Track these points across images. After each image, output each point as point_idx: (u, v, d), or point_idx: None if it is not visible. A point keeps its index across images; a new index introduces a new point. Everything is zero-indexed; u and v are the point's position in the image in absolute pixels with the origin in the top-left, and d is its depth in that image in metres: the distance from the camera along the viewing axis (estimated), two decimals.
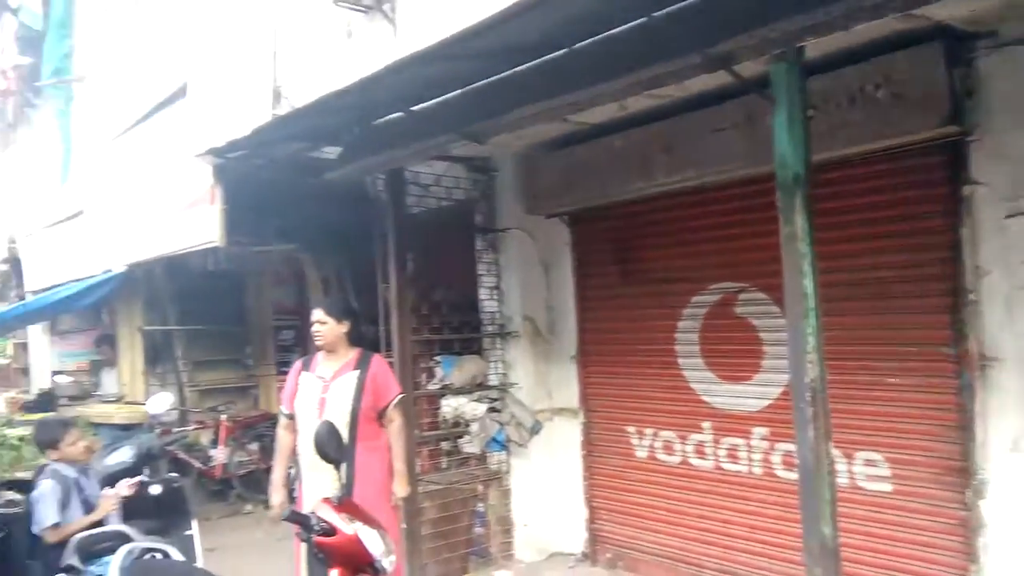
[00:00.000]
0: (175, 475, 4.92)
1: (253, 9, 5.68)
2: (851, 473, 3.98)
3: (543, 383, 5.57)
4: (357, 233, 5.88)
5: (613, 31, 3.12)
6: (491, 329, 5.61)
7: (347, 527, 2.68)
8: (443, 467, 5.62)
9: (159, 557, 3.30)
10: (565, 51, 3.35)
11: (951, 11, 3.08)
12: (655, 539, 5.00)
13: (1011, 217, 3.34)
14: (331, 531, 2.68)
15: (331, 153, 5.03)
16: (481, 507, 5.49)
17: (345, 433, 3.71)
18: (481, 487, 5.49)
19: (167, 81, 6.71)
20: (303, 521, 2.70)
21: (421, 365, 5.62)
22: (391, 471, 3.94)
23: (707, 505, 4.71)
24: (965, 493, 3.54)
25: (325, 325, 3.96)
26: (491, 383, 5.53)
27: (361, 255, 5.89)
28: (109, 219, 7.73)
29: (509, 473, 5.57)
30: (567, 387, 5.49)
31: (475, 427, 5.29)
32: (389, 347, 4.98)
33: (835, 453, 3.39)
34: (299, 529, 2.70)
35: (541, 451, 5.51)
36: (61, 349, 10.89)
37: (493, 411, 5.36)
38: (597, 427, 5.38)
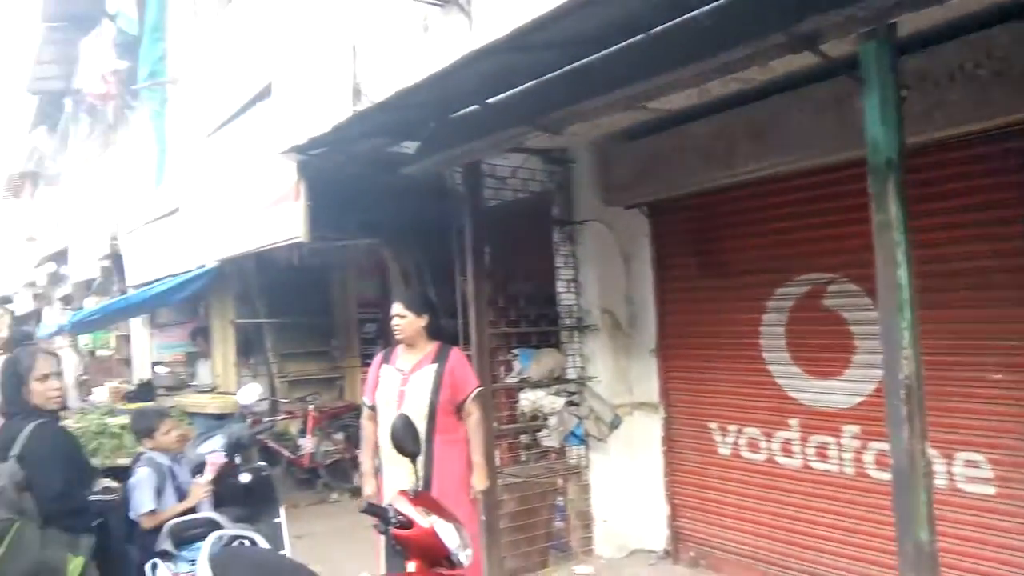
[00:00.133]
0: (263, 464, 5.09)
1: (333, 7, 5.77)
2: (950, 475, 3.77)
3: (622, 377, 5.49)
4: (436, 226, 5.93)
5: (692, 13, 3.02)
6: (569, 322, 5.56)
7: (423, 520, 2.70)
8: (522, 460, 5.62)
9: (247, 544, 3.41)
10: (642, 36, 3.26)
11: None
12: (739, 538, 4.87)
13: None
14: (408, 524, 2.70)
15: (410, 148, 5.07)
16: (560, 501, 5.46)
17: (423, 426, 3.75)
18: (560, 481, 5.46)
19: (253, 81, 6.90)
20: (380, 513, 2.73)
21: (499, 358, 5.62)
22: (470, 464, 3.95)
23: (794, 505, 4.55)
24: None
25: (404, 319, 4.00)
26: (569, 377, 5.48)
27: (440, 248, 5.93)
28: (202, 216, 8.04)
29: (588, 468, 5.52)
30: (647, 381, 5.39)
31: (553, 421, 5.26)
32: (467, 340, 5.00)
33: (932, 453, 3.20)
34: (377, 521, 2.73)
35: (620, 446, 5.44)
36: (160, 341, 11.42)
37: (571, 405, 5.31)
38: (678, 423, 5.27)
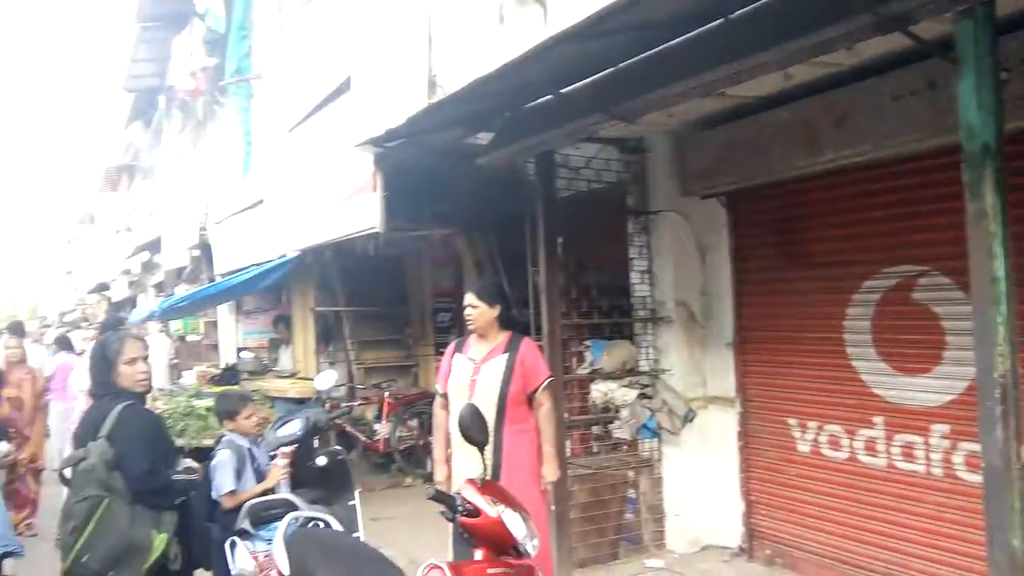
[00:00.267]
0: (339, 448, 5.21)
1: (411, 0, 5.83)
2: None
3: (697, 370, 5.39)
4: (509, 217, 5.94)
5: None
6: (642, 314, 5.48)
7: (491, 509, 2.70)
8: (593, 452, 5.58)
9: (321, 526, 3.49)
10: (721, 20, 3.16)
11: None
12: (818, 538, 4.72)
13: None
14: (475, 512, 2.71)
15: (485, 139, 5.08)
16: (632, 494, 5.41)
17: (493, 416, 3.76)
18: (632, 473, 5.41)
19: (334, 75, 7.03)
20: (448, 501, 2.74)
21: (571, 349, 5.60)
22: (539, 454, 3.94)
23: (878, 506, 4.38)
24: None
25: (476, 309, 4.01)
26: (642, 369, 5.41)
27: (513, 238, 5.94)
28: (284, 207, 8.27)
29: (661, 461, 5.44)
30: (723, 375, 5.28)
31: (625, 413, 5.20)
32: (539, 331, 4.99)
33: None
34: (444, 509, 2.75)
35: (694, 440, 5.34)
36: (245, 327, 11.84)
37: (644, 397, 5.24)
38: (755, 418, 5.14)
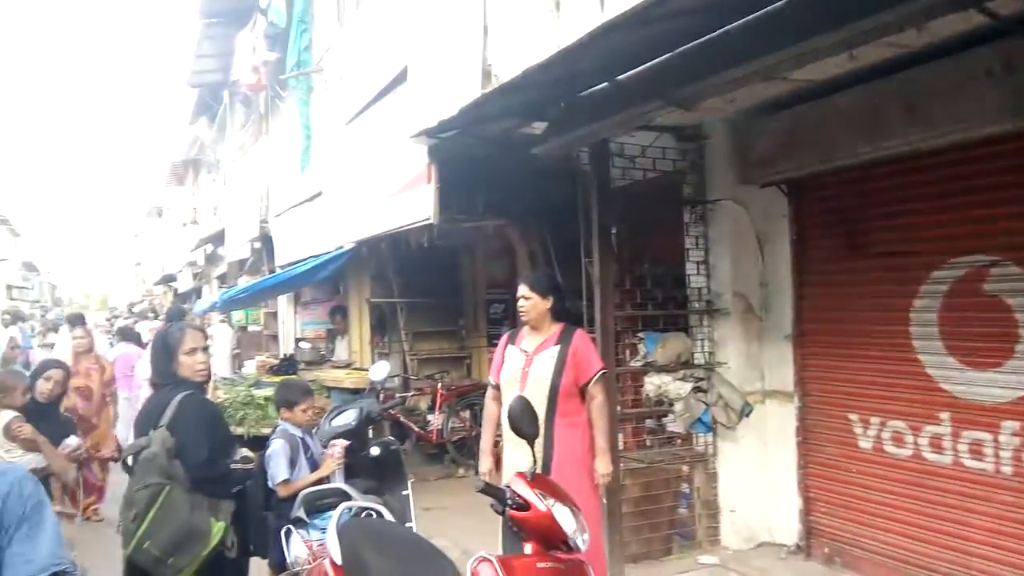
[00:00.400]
0: (392, 438, 5.26)
1: None
2: None
3: (754, 364, 5.26)
4: (563, 207, 5.89)
5: None
6: (698, 306, 5.37)
7: (540, 503, 2.67)
8: (646, 445, 5.51)
9: (373, 516, 3.51)
10: (783, 1, 3.05)
11: None
12: (880, 537, 4.57)
13: None
14: (525, 506, 2.68)
15: (539, 128, 5.05)
16: (686, 488, 5.32)
17: (544, 408, 3.74)
18: (686, 468, 5.31)
19: (391, 66, 7.08)
20: (497, 494, 2.73)
21: (624, 341, 5.52)
22: (591, 447, 3.90)
23: (943, 504, 4.22)
24: None
25: (529, 300, 3.99)
26: (697, 362, 5.30)
27: (567, 229, 5.89)
28: (341, 199, 8.39)
29: (716, 456, 5.34)
30: (781, 369, 5.14)
31: (679, 407, 5.11)
32: (592, 323, 4.94)
33: None
34: (494, 502, 2.73)
35: (751, 435, 5.22)
36: (303, 318, 12.09)
37: (699, 391, 5.14)
38: (815, 412, 5.00)
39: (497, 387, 4.11)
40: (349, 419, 4.64)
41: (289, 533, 3.63)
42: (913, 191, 4.33)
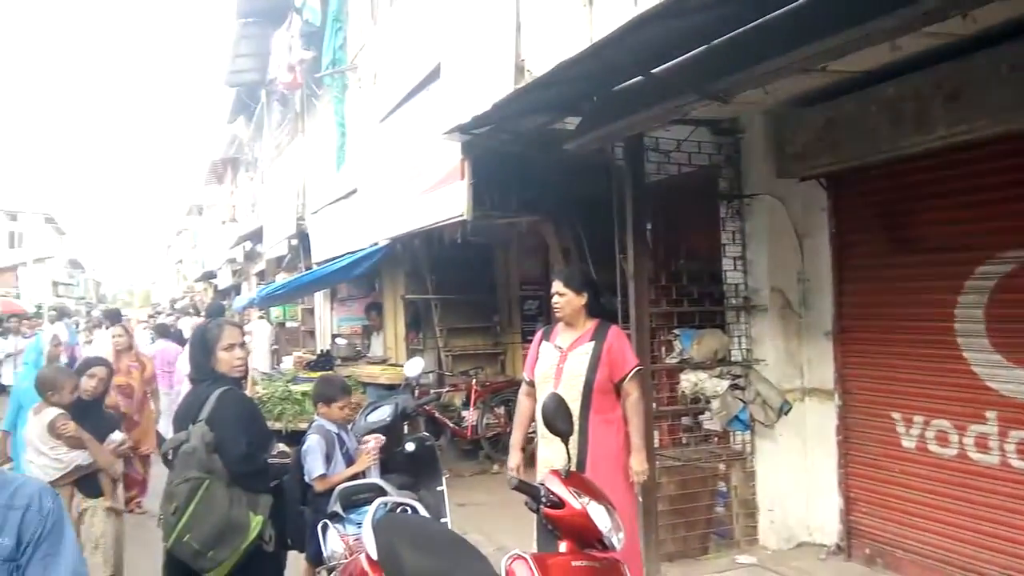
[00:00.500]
0: (426, 434, 5.27)
1: None
2: None
3: (793, 361, 5.18)
4: (597, 203, 5.85)
5: None
6: (735, 302, 5.30)
7: (575, 501, 2.65)
8: (682, 443, 5.45)
9: (408, 512, 3.53)
10: None
11: None
12: (923, 538, 4.46)
13: None
14: (559, 504, 2.66)
15: (572, 124, 5.01)
16: (723, 487, 5.25)
17: (578, 405, 3.72)
18: (723, 466, 5.25)
19: (424, 63, 7.10)
20: (531, 492, 2.71)
21: (659, 338, 5.46)
22: (625, 444, 3.86)
23: (990, 506, 4.11)
24: None
25: (564, 296, 3.96)
26: (734, 359, 5.23)
27: (601, 225, 5.85)
28: (376, 196, 8.44)
29: (754, 454, 5.26)
30: (821, 366, 5.05)
31: (716, 404, 5.05)
32: (627, 319, 4.90)
33: None
34: (528, 499, 2.72)
35: (790, 433, 5.13)
36: (339, 315, 12.20)
37: (736, 388, 5.07)
38: (856, 411, 4.90)
39: (531, 383, 4.10)
40: (384, 415, 4.65)
41: (326, 527, 3.66)
42: (957, 184, 4.22)
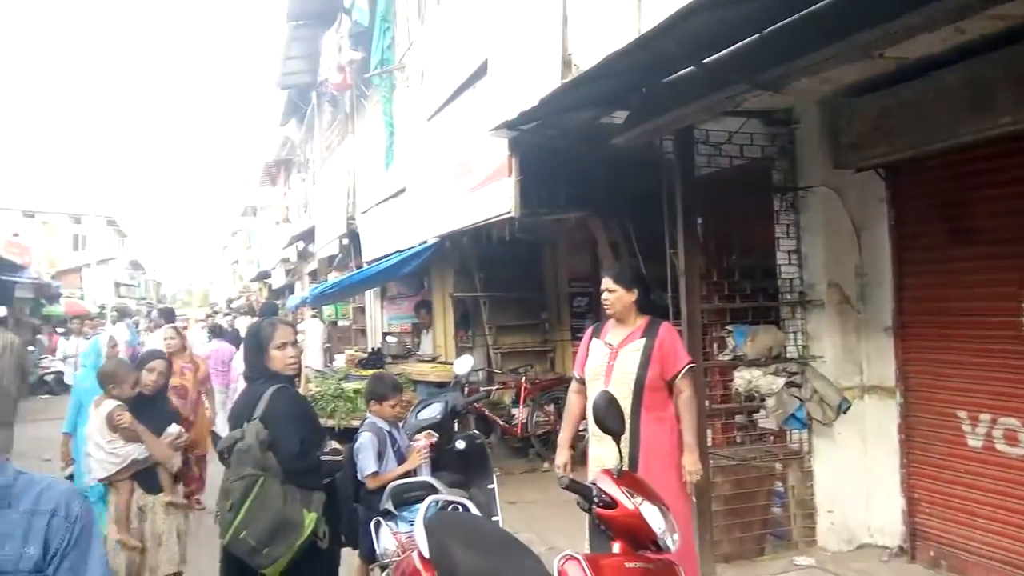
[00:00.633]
0: (476, 432, 5.27)
1: None
2: None
3: (851, 358, 5.03)
4: (646, 197, 5.77)
5: None
6: (790, 297, 5.17)
7: (628, 501, 2.60)
8: (736, 442, 5.34)
9: (460, 510, 3.53)
10: None
11: None
12: (992, 541, 4.30)
13: None
14: (612, 504, 2.62)
15: (620, 118, 4.95)
16: (780, 487, 5.14)
17: (629, 402, 3.67)
18: (779, 466, 5.13)
19: (471, 60, 7.10)
20: (583, 491, 2.68)
21: (712, 335, 5.37)
22: (679, 443, 3.80)
23: None
24: None
25: (614, 293, 3.91)
26: (789, 355, 5.10)
27: (650, 220, 5.77)
28: (424, 195, 8.49)
29: (811, 453, 5.13)
30: (881, 362, 4.90)
31: (771, 402, 4.94)
32: (678, 315, 4.82)
33: None
34: (580, 499, 2.68)
35: (849, 432, 4.99)
36: (389, 313, 12.31)
37: (792, 385, 4.95)
38: (918, 409, 4.74)
39: (581, 381, 4.06)
40: (434, 413, 4.66)
41: (378, 525, 3.68)
42: (1023, 172, 4.04)
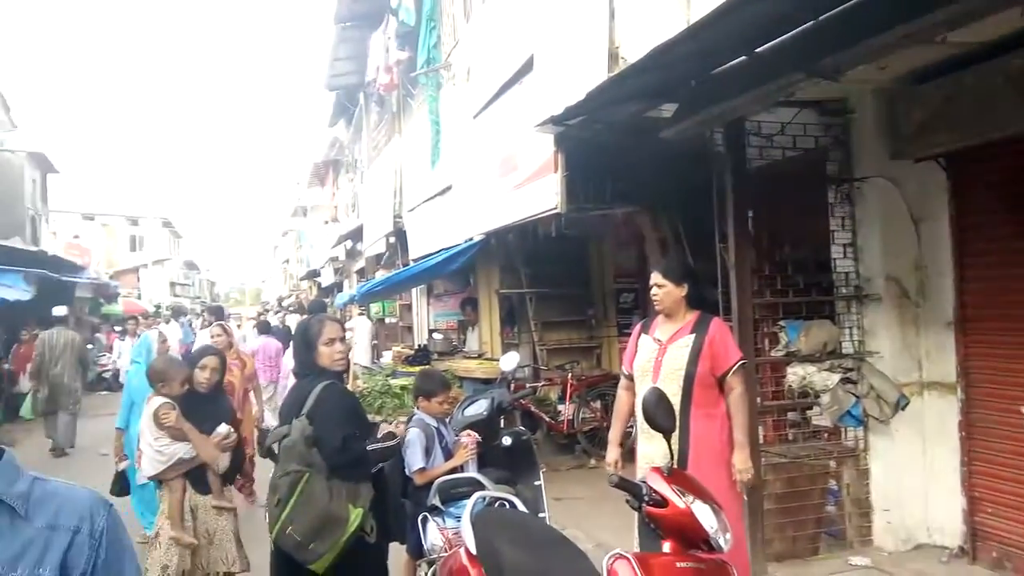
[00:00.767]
0: (523, 429, 5.25)
1: None
2: None
3: (910, 353, 4.87)
4: (695, 191, 5.68)
5: None
6: (845, 291, 5.03)
7: (679, 500, 2.55)
8: (789, 439, 5.22)
9: (507, 506, 3.51)
10: None
11: None
12: None
13: None
14: (662, 502, 2.58)
15: (668, 111, 4.87)
16: (834, 485, 5.00)
17: (679, 399, 3.60)
18: (833, 464, 4.99)
19: (516, 57, 7.08)
20: (633, 489, 2.63)
21: (764, 330, 5.25)
22: (730, 441, 3.72)
23: None
24: None
25: (663, 288, 3.85)
26: (844, 351, 4.97)
27: (700, 214, 5.68)
28: (470, 192, 8.50)
29: (867, 451, 4.99)
30: (941, 358, 4.74)
31: (826, 399, 4.81)
32: (728, 310, 4.73)
33: None
34: (629, 497, 2.64)
35: (907, 429, 4.84)
36: (436, 310, 12.37)
37: (847, 382, 4.82)
38: (981, 406, 4.57)
39: (630, 377, 4.01)
40: (481, 409, 4.67)
41: (425, 521, 3.69)
42: None
